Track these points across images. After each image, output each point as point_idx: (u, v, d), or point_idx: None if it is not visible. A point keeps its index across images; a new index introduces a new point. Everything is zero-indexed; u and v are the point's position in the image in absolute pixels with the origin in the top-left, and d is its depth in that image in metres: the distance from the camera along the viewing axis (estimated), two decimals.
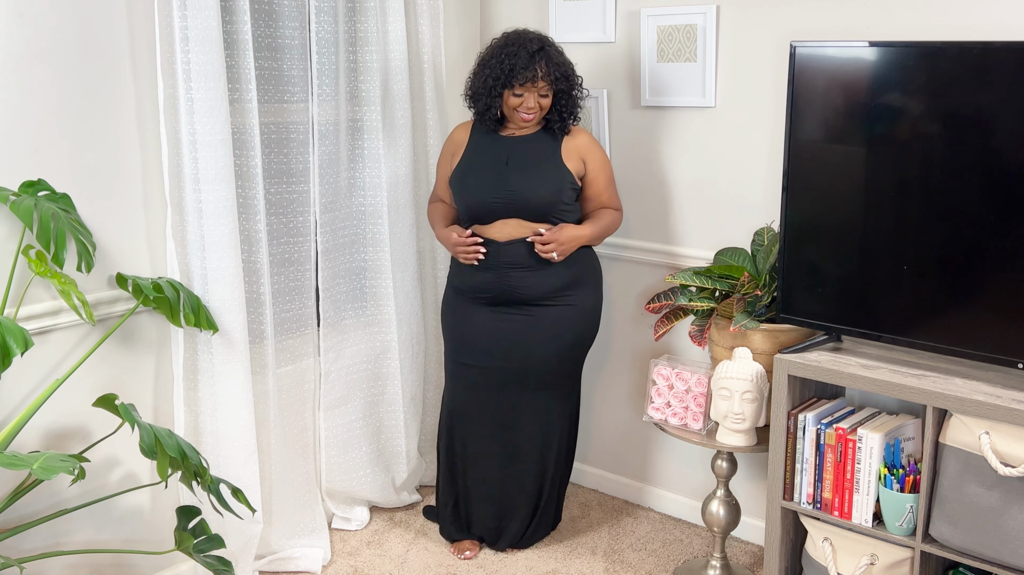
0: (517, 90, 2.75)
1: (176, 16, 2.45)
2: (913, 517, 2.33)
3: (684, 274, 2.77)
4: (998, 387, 2.26)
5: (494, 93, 2.77)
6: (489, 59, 2.78)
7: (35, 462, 1.88)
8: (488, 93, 2.77)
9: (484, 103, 2.80)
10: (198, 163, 2.54)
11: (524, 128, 2.85)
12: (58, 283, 2.25)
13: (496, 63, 2.75)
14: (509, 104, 2.79)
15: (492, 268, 2.83)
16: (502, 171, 2.80)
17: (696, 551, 3.10)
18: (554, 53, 2.77)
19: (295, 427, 3.03)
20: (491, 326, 2.88)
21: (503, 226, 2.81)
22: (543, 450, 2.98)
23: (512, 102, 2.78)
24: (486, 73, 2.78)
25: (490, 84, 2.76)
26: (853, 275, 2.49)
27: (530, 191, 2.78)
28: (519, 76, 2.71)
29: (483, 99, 2.80)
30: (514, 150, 2.84)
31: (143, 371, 2.62)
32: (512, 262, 2.81)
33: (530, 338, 2.86)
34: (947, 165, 2.30)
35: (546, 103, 2.80)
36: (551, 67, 2.74)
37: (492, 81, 2.75)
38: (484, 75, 2.78)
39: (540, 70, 2.72)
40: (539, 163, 2.82)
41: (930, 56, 2.29)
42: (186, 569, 2.80)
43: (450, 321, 2.99)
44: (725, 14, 2.90)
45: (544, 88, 2.76)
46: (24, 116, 2.28)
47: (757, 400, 2.61)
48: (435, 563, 3.01)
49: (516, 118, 2.81)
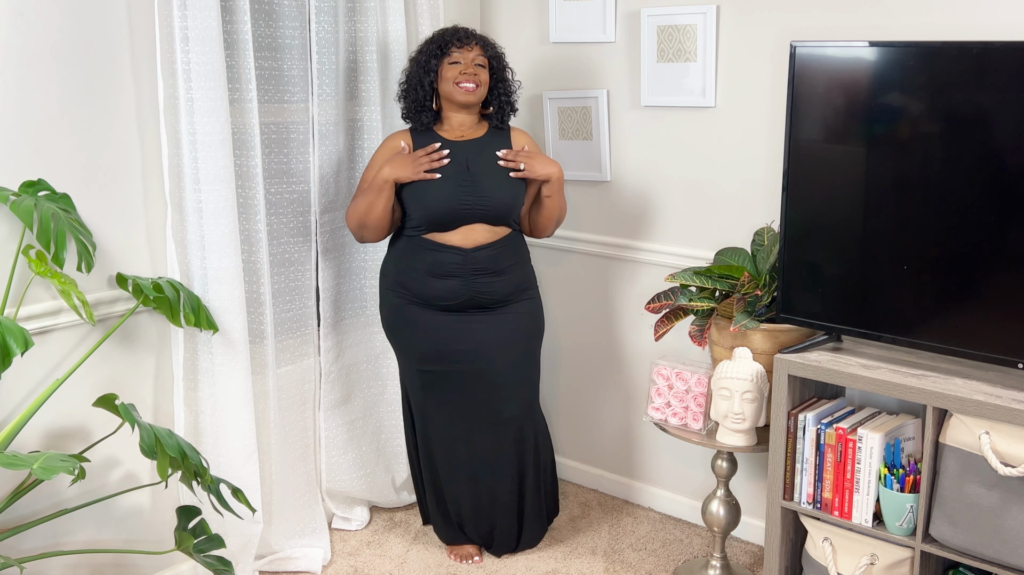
0: (454, 56, 2.75)
1: (176, 16, 2.45)
2: (913, 517, 2.33)
3: (684, 274, 2.77)
4: (998, 387, 2.26)
5: (430, 68, 2.76)
6: (420, 47, 2.83)
7: (35, 462, 1.88)
8: (425, 71, 2.76)
9: (420, 92, 2.78)
10: (198, 163, 2.54)
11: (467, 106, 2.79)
12: (58, 283, 2.25)
13: (426, 45, 2.80)
14: (447, 78, 2.76)
15: (459, 275, 2.77)
16: (467, 177, 2.76)
17: (696, 551, 3.10)
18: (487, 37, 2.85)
19: (295, 427, 3.03)
20: (457, 331, 2.82)
21: (468, 232, 2.78)
22: (520, 448, 2.95)
23: (449, 73, 2.75)
24: (418, 57, 2.80)
25: (423, 62, 2.77)
26: (853, 275, 2.49)
27: (499, 195, 2.78)
28: (453, 42, 2.75)
29: (417, 88, 2.78)
30: (471, 155, 2.80)
31: (143, 371, 2.62)
32: (481, 268, 2.79)
33: (499, 338, 2.85)
34: (947, 165, 2.30)
35: (484, 76, 2.79)
36: (480, 38, 2.81)
37: (425, 59, 2.77)
38: (418, 60, 2.80)
39: (473, 38, 2.79)
40: (501, 169, 2.81)
41: (930, 56, 2.29)
42: (186, 569, 2.80)
43: (408, 333, 2.87)
44: (725, 14, 2.90)
45: (479, 56, 2.78)
46: (24, 116, 2.28)
47: (757, 400, 2.61)
48: (435, 563, 3.01)
49: (456, 94, 2.76)
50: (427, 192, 2.75)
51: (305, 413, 3.07)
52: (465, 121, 2.84)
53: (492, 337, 2.84)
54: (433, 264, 2.78)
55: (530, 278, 2.94)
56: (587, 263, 3.39)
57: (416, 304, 2.84)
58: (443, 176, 2.75)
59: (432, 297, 2.81)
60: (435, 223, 2.76)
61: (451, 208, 2.74)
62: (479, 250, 2.78)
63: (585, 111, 3.25)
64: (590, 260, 3.38)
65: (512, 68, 2.90)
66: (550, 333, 3.41)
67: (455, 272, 2.78)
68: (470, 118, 2.85)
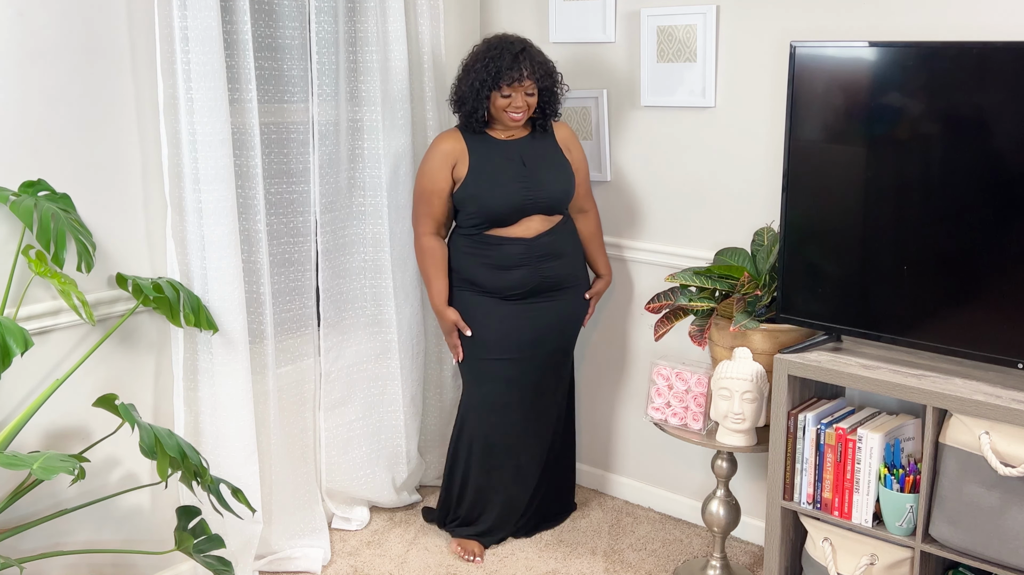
0: (505, 91, 2.81)
1: (176, 16, 2.45)
2: (913, 517, 2.33)
3: (684, 274, 2.77)
4: (998, 387, 2.26)
5: (481, 95, 2.82)
6: (474, 64, 2.85)
7: (35, 462, 1.88)
8: (475, 96, 2.83)
9: (471, 106, 2.85)
10: (198, 163, 2.54)
11: (512, 128, 2.92)
12: (58, 283, 2.25)
13: (481, 67, 2.82)
14: (497, 105, 2.84)
15: (526, 264, 2.90)
16: (524, 173, 2.88)
17: (696, 551, 3.10)
18: (535, 52, 2.87)
19: (295, 427, 3.03)
20: (525, 318, 2.95)
21: (529, 223, 2.90)
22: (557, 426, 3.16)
23: (500, 103, 2.84)
24: (472, 77, 2.83)
25: (477, 87, 2.82)
26: (853, 275, 2.49)
27: (556, 188, 2.92)
28: (505, 77, 2.79)
29: (470, 102, 2.85)
30: (525, 151, 2.92)
31: (143, 371, 2.62)
32: (544, 254, 2.92)
33: (561, 319, 3.01)
34: (947, 165, 2.30)
35: (533, 102, 2.87)
36: (535, 66, 2.83)
37: (479, 84, 2.82)
38: (470, 80, 2.84)
39: (525, 69, 2.81)
40: (552, 160, 2.95)
41: (930, 56, 2.29)
42: (186, 569, 2.80)
43: (475, 323, 2.95)
44: (725, 14, 2.90)
45: (530, 87, 2.84)
46: (24, 116, 2.28)
47: (757, 400, 2.61)
48: (435, 563, 3.01)
49: (505, 118, 2.86)
50: (491, 193, 2.86)
51: (305, 413, 3.07)
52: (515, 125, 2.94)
53: (553, 321, 3.00)
54: (500, 257, 2.90)
55: (583, 261, 3.11)
56: None
57: (486, 295, 2.95)
58: (502, 175, 2.87)
59: (502, 288, 2.92)
60: (498, 220, 2.89)
61: (515, 204, 2.87)
62: (540, 237, 2.92)
63: (585, 111, 3.25)
64: None
65: (561, 74, 2.95)
66: None
67: (522, 262, 2.90)
68: None
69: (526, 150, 2.92)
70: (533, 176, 2.88)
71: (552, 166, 2.94)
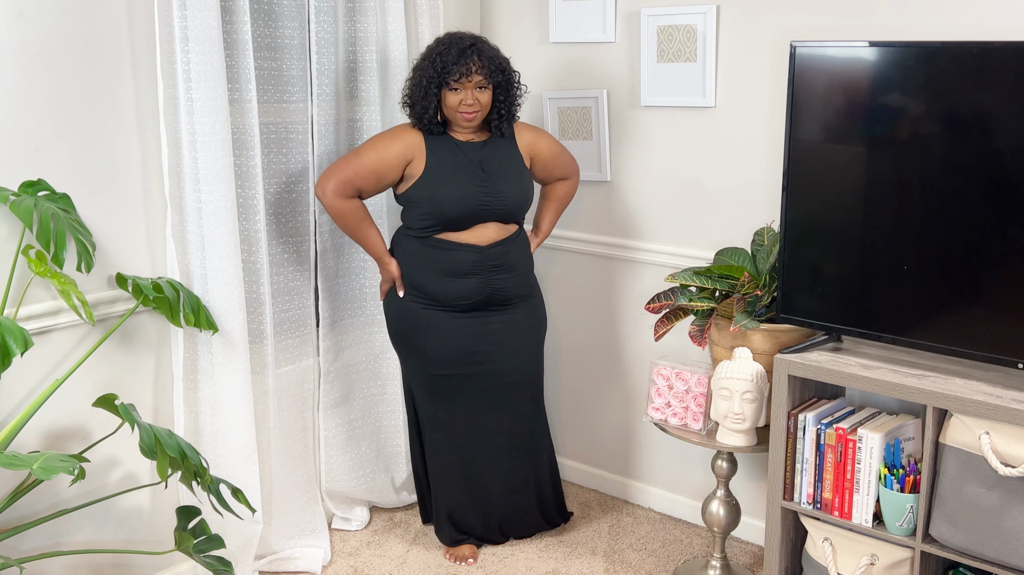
0: (453, 86, 2.72)
1: (176, 16, 2.45)
2: (913, 517, 2.33)
3: (684, 274, 2.77)
4: (998, 387, 2.26)
5: (430, 94, 2.73)
6: (422, 62, 2.76)
7: (35, 462, 1.88)
8: (424, 95, 2.74)
9: (421, 106, 2.75)
10: (198, 163, 2.54)
11: (468, 129, 2.81)
12: (58, 283, 2.25)
13: (429, 64, 2.73)
14: (449, 104, 2.75)
15: (477, 273, 2.80)
16: (482, 178, 2.78)
17: (696, 551, 3.10)
18: (487, 48, 2.77)
19: (295, 427, 3.03)
20: (473, 332, 2.84)
21: (483, 230, 2.80)
22: (532, 443, 3.04)
23: (451, 102, 2.74)
24: (419, 75, 2.75)
25: (424, 85, 2.73)
26: (853, 275, 2.49)
27: (514, 195, 2.82)
28: (453, 72, 2.69)
29: (419, 102, 2.75)
30: (484, 156, 2.82)
31: (143, 371, 2.62)
32: (496, 264, 2.82)
33: (512, 336, 2.90)
34: (947, 165, 2.30)
35: (485, 99, 2.76)
36: (484, 60, 2.72)
37: (427, 82, 2.72)
38: (418, 78, 2.75)
39: (474, 64, 2.70)
40: (511, 167, 2.85)
41: (930, 56, 2.29)
42: (186, 569, 2.80)
43: (421, 337, 2.86)
44: (725, 14, 2.90)
45: (481, 81, 2.73)
46: (24, 116, 2.27)
47: (757, 400, 2.61)
48: (435, 563, 3.01)
49: (458, 119, 2.77)
50: (446, 193, 2.75)
51: (304, 413, 3.07)
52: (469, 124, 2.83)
53: (507, 335, 2.89)
54: (450, 264, 2.79)
55: (534, 275, 3.02)
56: (587, 263, 3.38)
57: (431, 308, 2.84)
58: (459, 178, 2.76)
59: (451, 298, 2.81)
60: (451, 223, 2.77)
61: (470, 208, 2.76)
62: (494, 247, 2.82)
63: (585, 111, 3.25)
64: (590, 260, 3.38)
65: (518, 72, 2.86)
66: (551, 333, 3.41)
67: (473, 270, 2.80)
68: None
69: (486, 155, 2.81)
70: (491, 182, 2.78)
71: (512, 174, 2.83)
